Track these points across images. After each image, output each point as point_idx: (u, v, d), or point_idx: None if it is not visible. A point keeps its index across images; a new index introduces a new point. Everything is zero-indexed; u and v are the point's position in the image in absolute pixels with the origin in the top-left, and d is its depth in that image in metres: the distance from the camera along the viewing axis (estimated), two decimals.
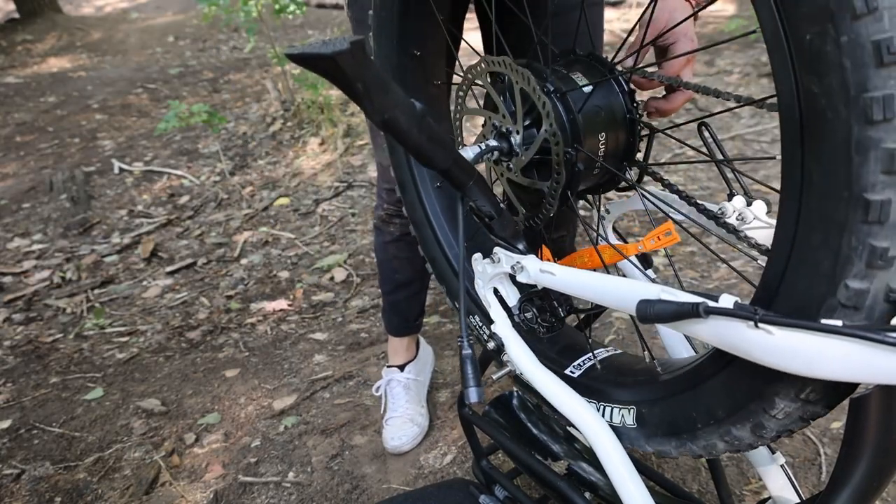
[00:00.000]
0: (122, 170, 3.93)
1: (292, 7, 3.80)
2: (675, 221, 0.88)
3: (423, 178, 1.23)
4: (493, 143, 0.92)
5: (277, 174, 3.60)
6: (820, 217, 0.57)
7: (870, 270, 0.55)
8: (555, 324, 0.95)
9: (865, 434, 0.67)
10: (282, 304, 2.47)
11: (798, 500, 0.97)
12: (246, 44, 5.93)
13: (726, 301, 0.63)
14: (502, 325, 0.98)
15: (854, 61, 0.50)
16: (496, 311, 0.99)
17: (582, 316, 1.14)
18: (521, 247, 0.91)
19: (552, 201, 0.88)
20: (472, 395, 0.83)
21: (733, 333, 0.63)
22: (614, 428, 0.89)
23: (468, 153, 0.89)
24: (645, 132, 0.91)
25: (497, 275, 0.98)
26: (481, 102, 0.99)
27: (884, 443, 0.66)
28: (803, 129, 0.56)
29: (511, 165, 0.93)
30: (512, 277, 0.95)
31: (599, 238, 1.00)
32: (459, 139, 1.10)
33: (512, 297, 1.00)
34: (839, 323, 0.57)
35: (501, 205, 0.90)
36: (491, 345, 0.97)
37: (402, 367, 1.82)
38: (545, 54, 0.92)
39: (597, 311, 1.10)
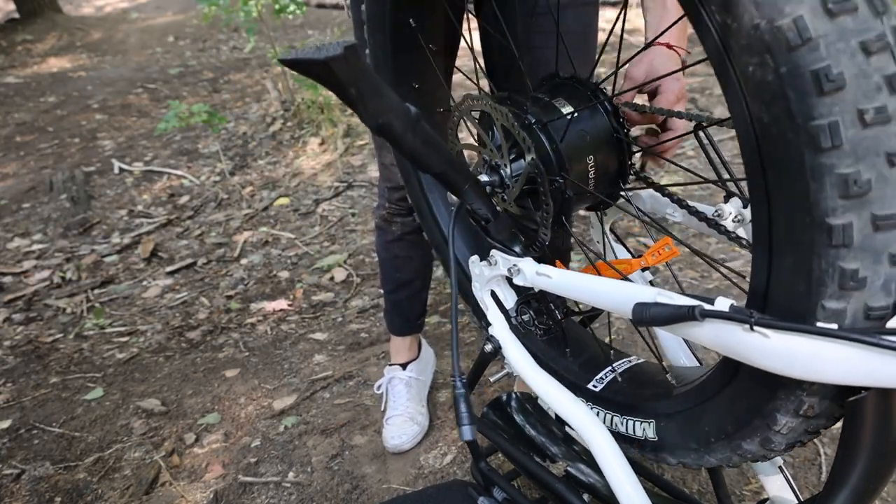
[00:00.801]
0: (122, 170, 3.93)
1: (292, 7, 3.80)
2: (669, 234, 0.88)
3: (436, 202, 1.24)
4: (484, 178, 0.92)
5: (277, 174, 3.60)
6: (789, 241, 0.57)
7: (843, 291, 0.55)
8: (552, 326, 0.95)
9: (862, 436, 0.67)
10: (282, 304, 2.47)
11: (796, 501, 0.97)
12: (246, 44, 5.93)
13: (722, 304, 0.63)
14: (500, 328, 0.98)
15: (796, 91, 0.50)
16: (493, 313, 0.99)
17: (579, 318, 1.14)
18: (517, 249, 0.91)
19: (545, 230, 0.89)
20: (466, 433, 0.83)
21: (729, 337, 0.63)
22: (638, 441, 0.89)
23: None
24: (635, 150, 0.91)
25: (494, 277, 0.98)
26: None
27: (880, 445, 0.66)
28: (761, 156, 0.56)
29: (505, 197, 0.93)
30: (509, 280, 0.95)
31: (601, 255, 1.01)
32: None
33: (509, 299, 1.00)
34: (835, 326, 0.57)
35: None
36: (488, 347, 0.97)
37: (404, 366, 1.82)
38: (533, 82, 0.92)
39: (594, 313, 1.10)
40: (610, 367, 0.99)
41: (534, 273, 0.88)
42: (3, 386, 2.18)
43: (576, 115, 0.86)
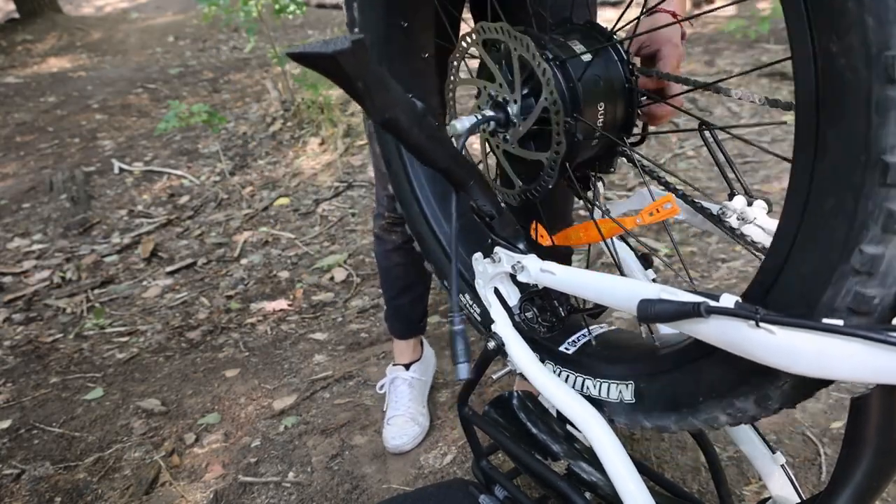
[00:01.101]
0: (122, 170, 3.93)
1: (292, 7, 3.80)
2: (673, 189, 0.87)
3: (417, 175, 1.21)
4: (489, 112, 0.88)
5: (277, 174, 3.60)
6: (835, 182, 0.56)
7: (886, 235, 0.54)
8: (555, 323, 0.95)
9: (866, 434, 0.67)
10: (282, 304, 2.47)
11: (798, 500, 0.97)
12: (246, 44, 5.93)
13: (727, 300, 0.63)
14: (503, 325, 0.98)
15: (877, 18, 0.49)
16: (497, 310, 0.99)
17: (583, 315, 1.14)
18: (521, 246, 0.91)
19: (551, 172, 0.86)
20: (462, 370, 0.81)
21: (735, 333, 0.63)
22: (612, 404, 0.87)
23: (463, 123, 0.86)
24: (644, 101, 0.89)
25: (498, 274, 0.98)
26: (473, 76, 0.96)
27: (884, 443, 0.66)
28: (819, 91, 0.55)
29: (507, 136, 0.90)
30: (513, 277, 0.95)
31: (598, 212, 0.99)
32: (452, 112, 1.06)
33: (513, 296, 1.00)
34: (840, 322, 0.57)
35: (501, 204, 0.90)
36: (491, 344, 0.97)
37: (407, 367, 1.83)
38: (542, 22, 0.90)
39: (597, 310, 1.09)
40: (584, 332, 0.98)
41: (538, 270, 0.88)
42: (3, 386, 2.18)
43: (594, 56, 0.84)
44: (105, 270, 2.89)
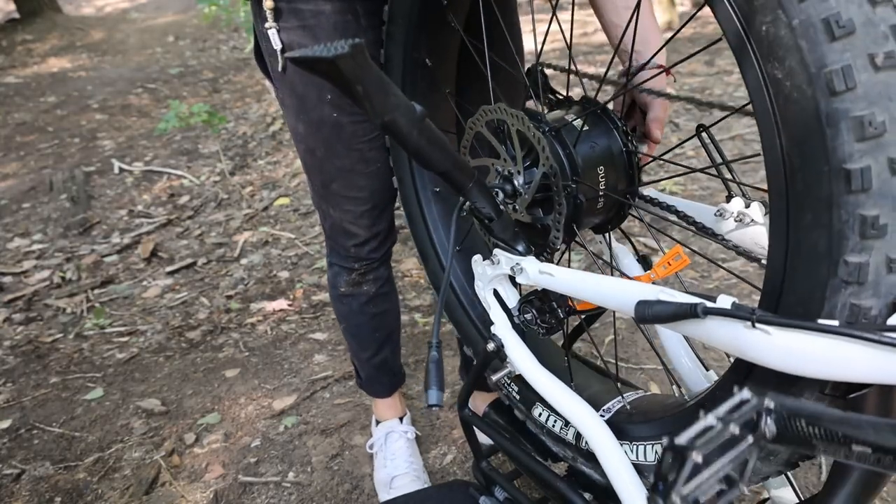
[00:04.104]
0: (122, 170, 3.93)
1: None
2: (679, 242, 0.89)
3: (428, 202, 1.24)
4: (495, 184, 0.94)
5: (277, 174, 3.61)
6: (807, 197, 0.58)
7: (865, 242, 0.56)
8: (554, 325, 0.96)
9: None
10: (282, 304, 2.47)
11: (797, 501, 0.98)
12: (246, 44, 5.93)
13: (724, 301, 0.63)
14: (502, 327, 0.98)
15: (808, 41, 0.54)
16: (496, 312, 1.00)
17: (582, 317, 1.14)
18: (520, 248, 0.92)
19: (557, 233, 0.90)
20: (432, 396, 0.83)
21: (731, 334, 0.63)
22: (652, 467, 0.87)
23: None
24: (643, 163, 0.94)
25: (497, 276, 0.99)
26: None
27: None
28: (775, 114, 0.58)
29: (516, 206, 0.94)
30: (512, 279, 0.96)
31: (614, 273, 1.01)
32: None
33: (512, 298, 1.00)
34: (836, 322, 0.57)
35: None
36: (490, 346, 0.97)
37: (400, 420, 1.66)
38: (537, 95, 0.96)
39: (596, 312, 1.10)
40: (618, 398, 0.99)
41: (537, 272, 0.88)
42: (3, 386, 2.18)
43: (586, 126, 0.89)
44: (105, 270, 2.89)
